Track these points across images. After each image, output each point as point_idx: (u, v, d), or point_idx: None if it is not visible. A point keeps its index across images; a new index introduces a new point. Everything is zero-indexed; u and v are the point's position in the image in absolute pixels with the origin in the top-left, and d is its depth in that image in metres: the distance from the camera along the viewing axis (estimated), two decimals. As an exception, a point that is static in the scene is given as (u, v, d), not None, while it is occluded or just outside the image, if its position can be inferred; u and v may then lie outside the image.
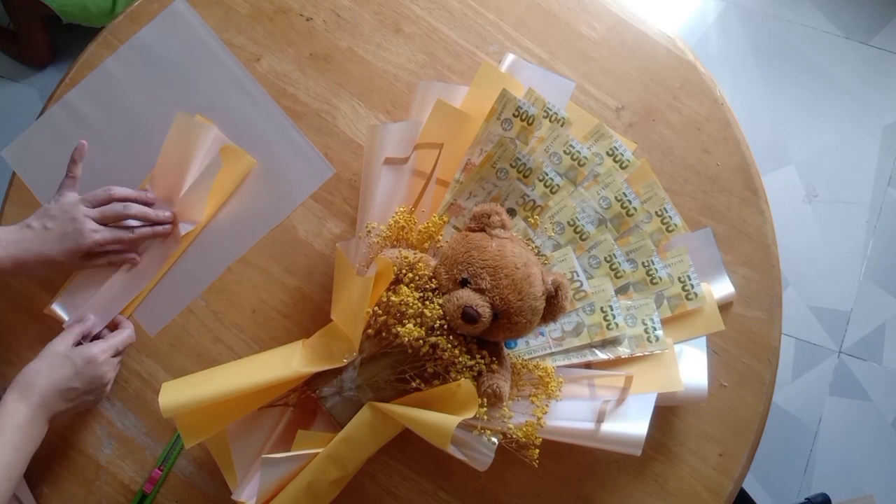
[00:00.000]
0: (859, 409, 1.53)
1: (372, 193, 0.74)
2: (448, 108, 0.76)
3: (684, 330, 0.78)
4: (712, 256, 0.82)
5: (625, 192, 0.79)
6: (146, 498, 0.76)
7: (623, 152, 0.80)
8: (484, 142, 0.76)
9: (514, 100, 0.75)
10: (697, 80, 0.88)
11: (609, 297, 0.75)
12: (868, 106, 1.68)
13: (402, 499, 0.76)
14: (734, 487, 0.78)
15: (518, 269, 0.63)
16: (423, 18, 0.88)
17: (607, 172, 0.79)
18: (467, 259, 0.64)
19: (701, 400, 0.74)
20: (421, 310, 0.64)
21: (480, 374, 0.66)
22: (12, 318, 0.80)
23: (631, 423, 0.69)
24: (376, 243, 0.72)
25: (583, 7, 0.89)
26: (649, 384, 0.72)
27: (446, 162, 0.76)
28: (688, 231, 0.81)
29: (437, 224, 0.73)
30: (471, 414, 0.63)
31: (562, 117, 0.79)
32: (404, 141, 0.75)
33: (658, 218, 0.80)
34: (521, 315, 0.63)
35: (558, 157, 0.78)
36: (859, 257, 1.60)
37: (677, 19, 1.75)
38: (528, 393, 0.71)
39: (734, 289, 0.81)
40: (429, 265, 0.68)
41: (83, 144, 0.76)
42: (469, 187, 0.75)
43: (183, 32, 0.86)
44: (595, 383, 0.75)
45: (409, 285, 0.67)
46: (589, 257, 0.78)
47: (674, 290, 0.78)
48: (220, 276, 0.81)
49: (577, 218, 0.77)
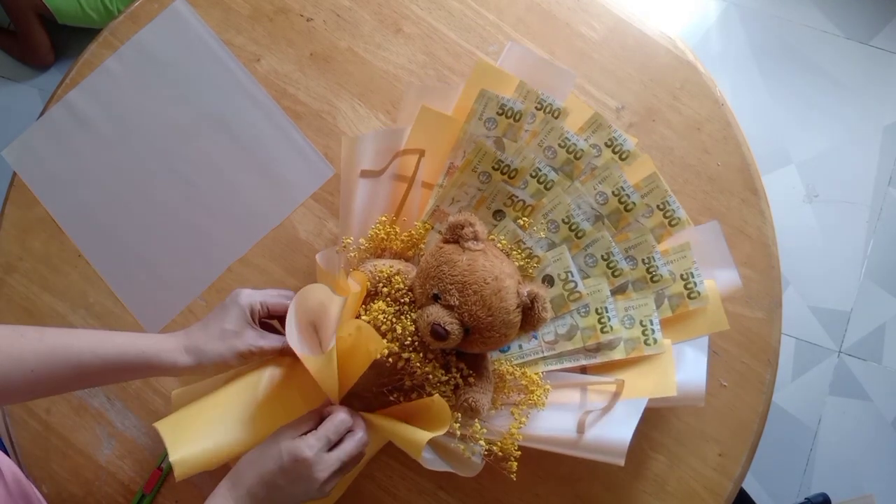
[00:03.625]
0: (859, 408, 1.53)
1: (349, 207, 0.72)
2: (434, 113, 0.74)
3: (686, 330, 0.75)
4: (720, 251, 0.76)
5: (622, 186, 0.75)
6: (146, 498, 0.76)
7: (623, 143, 0.77)
8: (466, 144, 0.74)
9: (497, 98, 0.74)
10: (698, 80, 0.88)
11: (604, 298, 0.73)
12: (868, 106, 1.68)
13: (401, 498, 0.76)
14: (734, 487, 0.78)
15: (487, 283, 0.61)
16: (423, 19, 0.88)
17: (605, 165, 0.76)
18: (438, 274, 0.63)
19: (697, 402, 0.72)
20: (393, 325, 0.64)
21: (458, 387, 0.65)
22: (12, 318, 0.80)
23: (616, 430, 0.67)
24: (353, 258, 0.71)
25: (583, 7, 0.89)
26: (642, 389, 0.70)
27: (432, 165, 0.75)
28: (692, 225, 0.77)
29: (420, 232, 0.72)
30: (443, 430, 0.62)
31: (557, 108, 0.76)
32: (383, 150, 0.73)
33: (660, 212, 0.76)
34: (492, 330, 0.62)
35: (553, 151, 0.76)
36: (859, 257, 1.60)
37: (678, 19, 1.75)
38: (515, 401, 0.70)
39: (741, 284, 0.77)
40: (407, 277, 0.67)
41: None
42: (451, 193, 0.74)
43: (183, 32, 0.86)
44: (587, 389, 0.73)
45: (385, 299, 0.66)
46: (585, 256, 0.75)
47: (675, 289, 0.75)
48: (220, 276, 0.81)
49: (572, 215, 0.75)
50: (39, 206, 0.83)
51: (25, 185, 0.83)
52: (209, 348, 0.64)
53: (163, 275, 0.81)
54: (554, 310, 0.73)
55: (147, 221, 0.83)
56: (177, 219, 0.83)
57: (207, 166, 0.84)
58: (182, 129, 0.84)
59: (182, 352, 0.64)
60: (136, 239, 0.82)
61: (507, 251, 0.71)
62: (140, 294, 0.81)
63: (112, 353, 0.63)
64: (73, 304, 0.81)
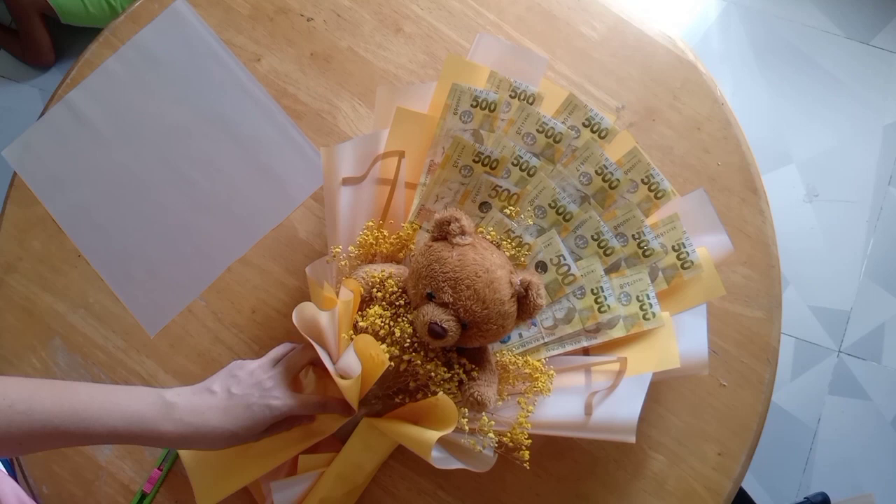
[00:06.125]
0: (859, 408, 1.53)
1: (335, 216, 0.72)
2: (409, 113, 0.74)
3: (683, 300, 0.75)
4: (709, 218, 0.75)
5: (605, 165, 0.74)
6: (146, 498, 0.76)
7: (600, 121, 0.76)
8: (444, 140, 0.74)
9: (469, 90, 0.73)
10: (698, 79, 0.88)
11: (599, 278, 0.73)
12: (869, 105, 1.68)
13: (401, 498, 0.76)
14: (733, 487, 0.78)
15: (479, 277, 0.61)
16: (424, 18, 0.88)
17: (585, 146, 0.75)
18: (429, 273, 0.63)
19: (701, 371, 0.71)
20: (391, 329, 0.64)
21: (462, 382, 0.65)
22: (12, 319, 0.80)
23: (623, 407, 0.66)
24: (345, 266, 0.71)
25: (583, 7, 0.89)
26: (646, 364, 0.70)
27: (413, 165, 0.75)
28: (678, 196, 0.76)
29: (408, 233, 0.72)
30: (451, 428, 0.62)
31: (532, 94, 0.76)
32: (362, 156, 0.73)
33: (645, 186, 0.75)
34: (489, 322, 0.62)
35: (532, 138, 0.75)
36: (859, 257, 1.60)
37: (678, 19, 1.75)
38: (521, 389, 0.70)
39: (733, 248, 0.76)
40: (400, 280, 0.67)
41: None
42: (434, 190, 0.74)
43: (183, 32, 0.86)
44: (591, 370, 0.73)
45: (381, 303, 0.66)
46: (575, 238, 0.75)
47: (668, 261, 0.74)
48: (220, 276, 0.81)
49: (557, 199, 0.74)
50: (39, 206, 0.83)
51: (25, 185, 0.83)
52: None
53: (163, 275, 0.81)
54: (550, 295, 0.73)
55: (147, 221, 0.83)
56: (177, 219, 0.83)
57: (207, 166, 0.84)
58: (182, 128, 0.84)
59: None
60: (136, 239, 0.82)
61: (497, 242, 0.71)
62: (140, 294, 0.81)
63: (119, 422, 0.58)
64: (73, 304, 0.81)
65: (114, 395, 0.59)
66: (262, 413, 0.60)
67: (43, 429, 0.55)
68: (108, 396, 0.58)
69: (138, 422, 0.57)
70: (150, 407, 0.58)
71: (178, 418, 0.58)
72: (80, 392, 0.58)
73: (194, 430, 0.58)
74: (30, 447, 0.57)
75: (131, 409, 0.58)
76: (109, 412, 0.57)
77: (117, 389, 0.60)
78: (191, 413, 0.59)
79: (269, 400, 0.61)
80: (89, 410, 0.56)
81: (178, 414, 0.58)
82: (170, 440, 0.58)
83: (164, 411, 0.58)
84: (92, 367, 0.79)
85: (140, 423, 0.57)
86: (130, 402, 0.58)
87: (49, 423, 0.55)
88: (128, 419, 0.57)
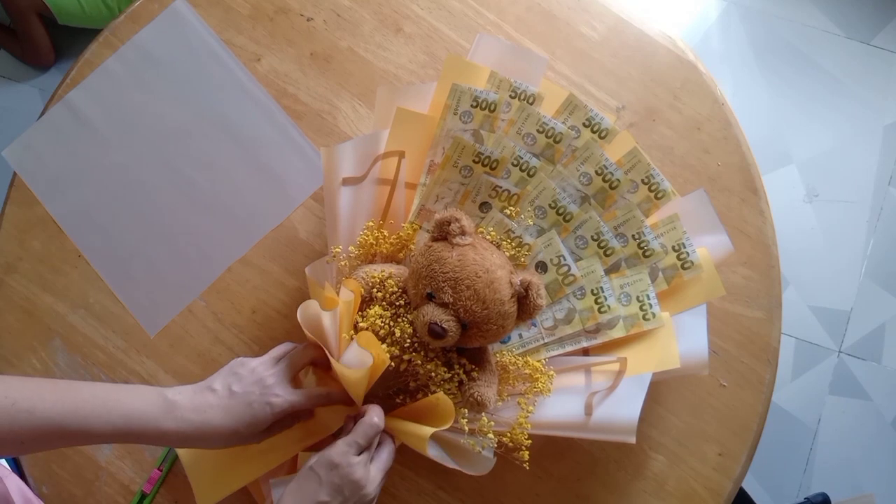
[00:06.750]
0: (859, 408, 1.53)
1: (335, 216, 0.72)
2: (410, 113, 0.74)
3: (683, 300, 0.75)
4: (709, 218, 0.75)
5: (605, 165, 0.74)
6: (146, 498, 0.76)
7: (600, 121, 0.76)
8: (444, 140, 0.74)
9: (469, 91, 0.73)
10: (698, 79, 0.88)
11: (599, 278, 0.73)
12: (869, 105, 1.68)
13: (400, 499, 0.76)
14: (734, 487, 0.78)
15: (479, 277, 0.61)
16: (424, 18, 0.88)
17: (585, 146, 0.76)
18: (429, 273, 0.63)
19: (701, 371, 0.71)
20: (391, 329, 0.64)
21: (462, 382, 0.65)
22: (12, 318, 0.80)
23: (623, 408, 0.66)
24: (345, 266, 0.71)
25: (583, 7, 0.89)
26: (646, 364, 0.70)
27: (413, 165, 0.75)
28: (678, 196, 0.77)
29: (408, 233, 0.72)
30: (448, 424, 0.62)
31: (532, 94, 0.76)
32: (363, 156, 0.73)
33: (645, 186, 0.75)
34: (489, 323, 0.62)
35: (532, 138, 0.76)
36: (860, 257, 1.60)
37: (678, 19, 1.75)
38: (521, 390, 0.70)
39: (733, 248, 0.76)
40: (400, 280, 0.67)
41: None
42: (434, 191, 0.74)
43: (183, 32, 0.86)
44: (591, 370, 0.73)
45: (381, 303, 0.66)
46: (575, 238, 0.75)
47: (668, 261, 0.75)
48: (220, 276, 0.81)
49: (558, 199, 0.74)
50: (39, 206, 0.83)
51: (25, 185, 0.83)
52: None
53: (163, 275, 0.81)
54: (550, 295, 0.73)
55: (147, 221, 0.83)
56: (177, 219, 0.83)
57: (207, 166, 0.84)
58: (182, 128, 0.84)
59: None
60: (135, 239, 0.82)
61: (497, 242, 0.71)
62: (140, 294, 0.81)
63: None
64: (73, 304, 0.81)
65: (115, 393, 0.59)
66: (263, 411, 0.60)
67: (45, 427, 0.55)
68: (109, 395, 0.58)
69: (140, 420, 0.58)
70: (152, 405, 0.59)
71: (179, 416, 0.58)
72: (83, 391, 0.58)
73: (196, 428, 0.58)
74: (32, 446, 0.57)
75: (133, 407, 0.58)
76: (111, 410, 0.57)
77: (119, 388, 0.60)
78: (192, 411, 0.59)
79: (269, 398, 0.61)
80: (91, 408, 0.57)
81: (179, 412, 0.59)
82: (171, 438, 0.58)
83: (165, 409, 0.59)
84: (92, 367, 0.79)
85: (141, 422, 0.58)
86: (132, 400, 0.58)
87: (51, 422, 0.55)
88: (129, 417, 0.57)
